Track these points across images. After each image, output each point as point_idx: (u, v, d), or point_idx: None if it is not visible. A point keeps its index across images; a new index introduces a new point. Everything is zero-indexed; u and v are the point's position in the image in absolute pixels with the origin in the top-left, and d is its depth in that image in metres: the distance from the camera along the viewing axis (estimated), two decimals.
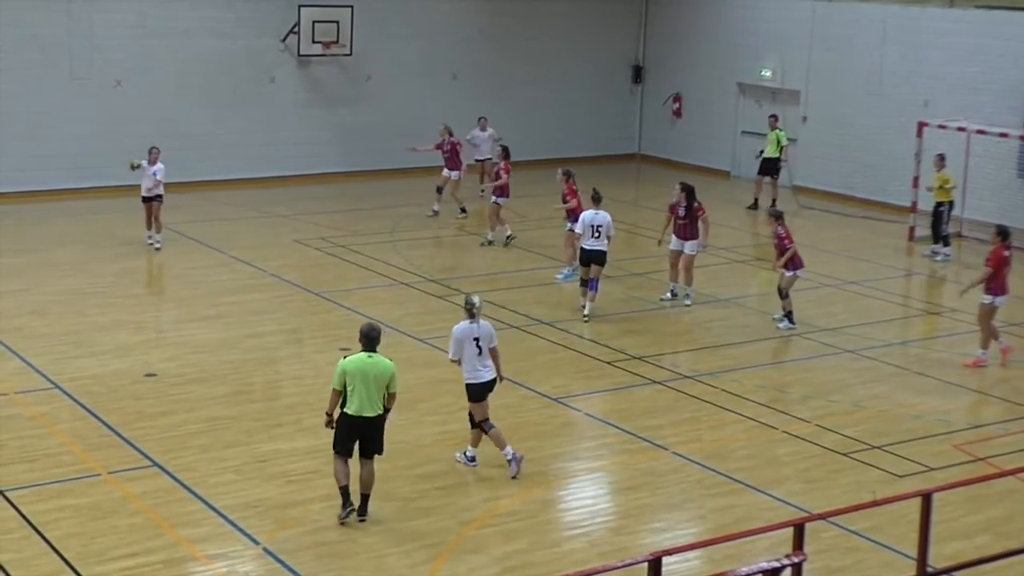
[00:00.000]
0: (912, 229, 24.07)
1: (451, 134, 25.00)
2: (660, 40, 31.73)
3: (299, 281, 20.05)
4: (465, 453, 13.08)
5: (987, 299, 16.74)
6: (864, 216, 25.98)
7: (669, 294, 19.27)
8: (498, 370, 12.93)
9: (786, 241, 17.86)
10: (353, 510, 11.65)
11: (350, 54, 28.05)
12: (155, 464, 12.92)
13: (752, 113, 29.93)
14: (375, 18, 28.33)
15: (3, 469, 12.66)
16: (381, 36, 28.58)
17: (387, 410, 11.73)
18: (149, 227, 21.79)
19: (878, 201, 26.57)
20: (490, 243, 22.41)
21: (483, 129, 26.78)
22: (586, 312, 18.23)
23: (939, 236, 22.88)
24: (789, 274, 17.91)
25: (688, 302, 19.04)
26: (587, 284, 18.31)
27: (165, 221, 21.98)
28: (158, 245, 21.63)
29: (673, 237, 19.00)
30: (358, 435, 11.60)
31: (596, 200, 18.60)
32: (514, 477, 12.73)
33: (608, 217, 18.35)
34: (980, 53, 24.91)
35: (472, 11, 29.95)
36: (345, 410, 11.54)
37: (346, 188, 27.92)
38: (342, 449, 11.69)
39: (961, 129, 23.68)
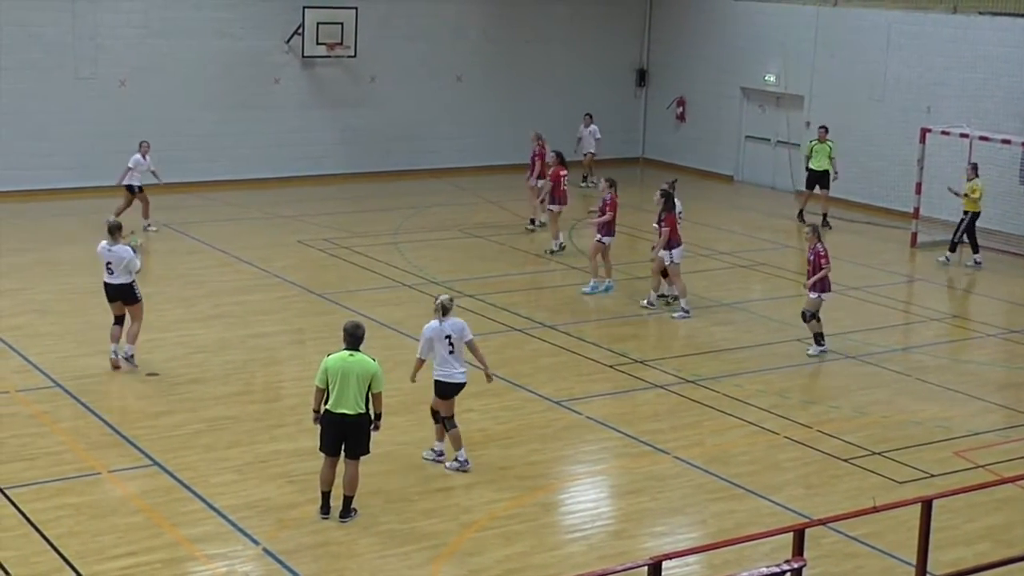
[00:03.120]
0: (914, 235, 24.08)
1: (540, 139, 24.47)
2: (664, 44, 31.76)
3: (302, 282, 20.06)
4: (457, 458, 12.96)
5: None
6: (866, 222, 25.99)
7: (664, 301, 19.21)
8: (483, 363, 13.00)
9: (823, 260, 17.01)
10: (327, 515, 11.74)
11: (354, 56, 28.07)
12: (155, 463, 12.94)
13: (755, 118, 29.96)
14: (379, 20, 28.36)
15: (3, 467, 12.67)
16: (385, 38, 28.62)
17: (377, 414, 11.72)
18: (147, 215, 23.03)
19: (881, 207, 26.58)
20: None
21: (587, 125, 28.01)
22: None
23: (955, 244, 22.79)
24: (814, 296, 17.13)
25: (678, 315, 18.63)
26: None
27: (165, 220, 22.10)
28: (154, 228, 22.89)
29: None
30: (339, 433, 11.62)
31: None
32: (446, 467, 12.92)
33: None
34: (983, 59, 24.91)
35: (476, 13, 29.98)
36: (326, 407, 11.60)
37: (349, 189, 27.95)
38: (325, 448, 11.75)
39: (964, 135, 23.69)
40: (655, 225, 18.84)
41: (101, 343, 16.64)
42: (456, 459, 12.95)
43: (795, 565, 8.81)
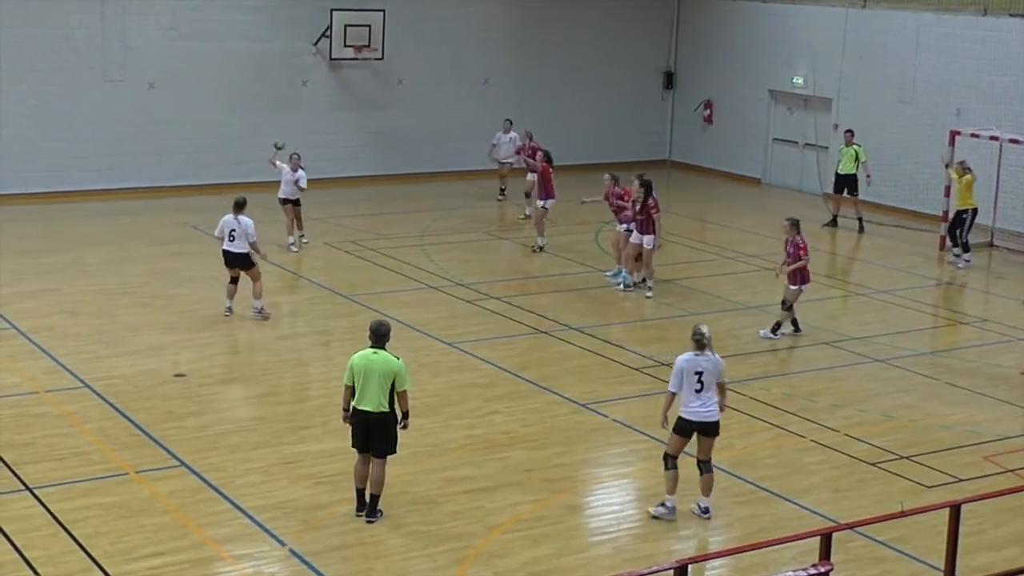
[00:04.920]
0: (943, 238, 23.94)
1: (531, 137, 25.33)
2: (692, 46, 31.70)
3: (329, 284, 20.11)
4: (664, 504, 12.18)
5: None
6: (895, 225, 25.87)
7: (623, 279, 20.17)
8: (722, 407, 12.12)
9: (802, 252, 17.61)
10: (363, 513, 11.80)
11: (382, 58, 28.12)
12: (183, 464, 12.99)
13: (783, 120, 29.86)
14: (407, 22, 28.40)
15: (32, 467, 12.75)
16: (413, 40, 28.65)
17: (404, 413, 11.74)
18: (291, 231, 22.13)
19: (909, 210, 26.46)
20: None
21: (506, 132, 26.96)
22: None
23: (966, 244, 22.83)
24: (795, 288, 17.67)
25: (649, 295, 19.68)
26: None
27: (194, 222, 22.17)
28: (305, 239, 22.47)
29: (633, 230, 19.74)
30: (365, 431, 11.65)
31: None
32: (654, 517, 12.18)
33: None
34: (1014, 61, 24.75)
35: (503, 16, 30.00)
36: (353, 404, 11.67)
37: (376, 191, 28.00)
38: (355, 444, 11.80)
39: (994, 138, 23.56)
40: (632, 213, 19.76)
41: (129, 344, 16.76)
42: (698, 504, 12.19)
43: (822, 569, 8.78)
